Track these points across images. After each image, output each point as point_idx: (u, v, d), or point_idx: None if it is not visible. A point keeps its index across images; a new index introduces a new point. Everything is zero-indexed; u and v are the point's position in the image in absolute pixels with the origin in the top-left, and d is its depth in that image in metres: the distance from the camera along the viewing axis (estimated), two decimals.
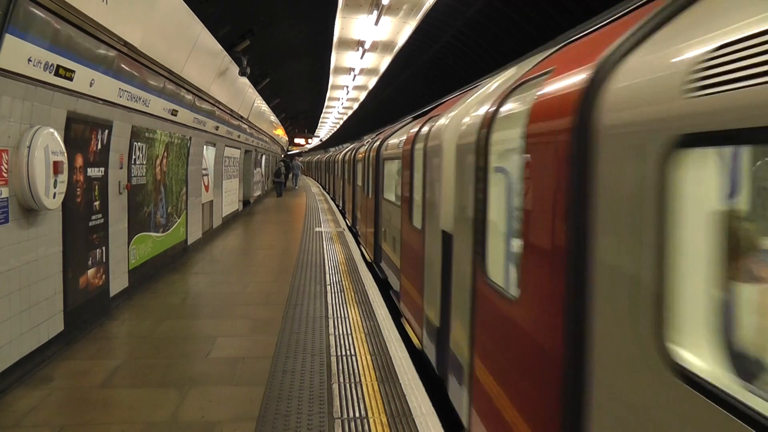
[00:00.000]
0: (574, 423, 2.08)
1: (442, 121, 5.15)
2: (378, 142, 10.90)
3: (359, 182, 14.55)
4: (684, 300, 1.61)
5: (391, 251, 8.28)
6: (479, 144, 3.60)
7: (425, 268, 5.43)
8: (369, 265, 10.63)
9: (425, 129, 5.88)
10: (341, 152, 25.17)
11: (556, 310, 2.29)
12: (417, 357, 5.79)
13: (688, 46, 1.65)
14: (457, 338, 4.21)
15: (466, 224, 3.84)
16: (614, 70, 2.04)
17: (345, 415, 4.26)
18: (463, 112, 4.61)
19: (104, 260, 6.85)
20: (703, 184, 1.63)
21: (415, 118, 8.96)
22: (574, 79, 2.30)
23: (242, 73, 13.39)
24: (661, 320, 1.63)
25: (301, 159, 62.65)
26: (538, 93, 2.71)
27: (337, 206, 23.49)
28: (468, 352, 3.76)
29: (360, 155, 14.45)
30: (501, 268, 3.45)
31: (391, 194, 9.17)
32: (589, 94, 2.10)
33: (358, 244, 13.31)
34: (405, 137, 7.19)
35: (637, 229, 1.77)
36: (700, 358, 1.55)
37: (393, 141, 8.88)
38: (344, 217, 18.72)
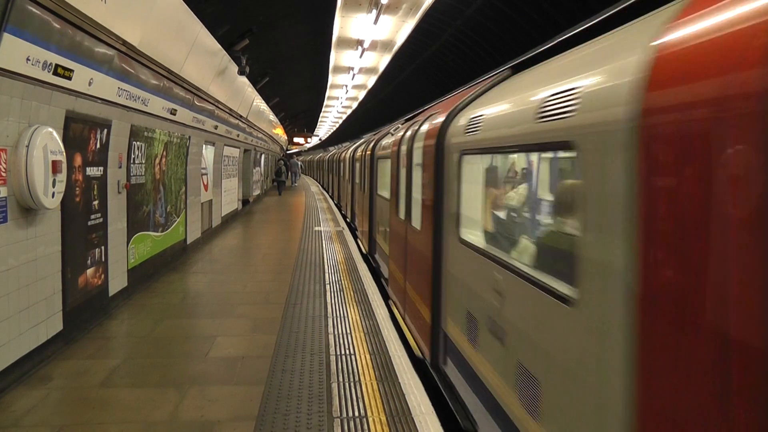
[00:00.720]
0: None
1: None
2: (436, 121, 5.44)
3: (382, 191, 9.70)
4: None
5: (500, 373, 3.48)
6: None
7: None
8: (415, 361, 5.55)
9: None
10: (348, 149, 20.47)
11: None
12: (416, 356, 5.78)
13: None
14: None
15: None
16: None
17: (344, 414, 4.26)
18: None
19: (103, 260, 6.85)
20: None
21: (515, 69, 4.52)
22: None
23: (241, 73, 13.39)
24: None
25: (301, 159, 62.59)
26: None
27: (344, 216, 19.33)
28: None
29: (382, 151, 9.48)
30: None
31: (476, 231, 4.45)
32: None
33: (380, 286, 8.59)
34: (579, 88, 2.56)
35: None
36: None
37: (499, 109, 3.84)
38: (356, 239, 13.79)
